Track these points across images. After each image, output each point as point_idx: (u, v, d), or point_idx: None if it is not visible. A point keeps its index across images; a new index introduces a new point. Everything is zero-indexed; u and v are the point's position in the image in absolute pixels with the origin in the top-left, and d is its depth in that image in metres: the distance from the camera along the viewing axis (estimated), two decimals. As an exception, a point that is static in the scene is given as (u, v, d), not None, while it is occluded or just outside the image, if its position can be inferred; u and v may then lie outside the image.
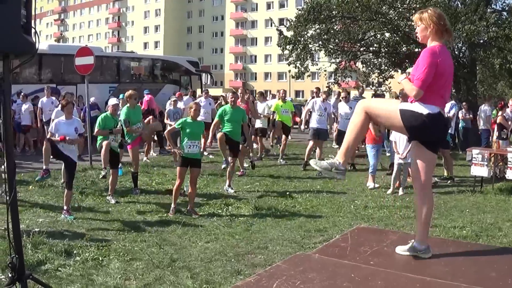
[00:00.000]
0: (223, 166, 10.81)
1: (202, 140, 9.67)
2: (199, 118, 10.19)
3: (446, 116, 4.48)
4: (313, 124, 14.00)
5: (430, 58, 4.22)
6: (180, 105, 17.16)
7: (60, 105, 10.23)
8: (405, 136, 5.03)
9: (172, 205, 9.04)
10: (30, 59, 4.31)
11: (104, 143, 9.66)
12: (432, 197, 4.50)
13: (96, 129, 10.07)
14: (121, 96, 14.64)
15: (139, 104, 13.22)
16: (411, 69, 4.59)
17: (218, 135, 10.88)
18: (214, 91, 31.17)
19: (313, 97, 17.46)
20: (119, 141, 10.16)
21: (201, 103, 17.67)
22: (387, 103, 4.72)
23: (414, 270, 4.25)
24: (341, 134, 13.92)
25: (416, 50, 19.01)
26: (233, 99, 11.20)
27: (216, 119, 11.26)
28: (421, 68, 4.23)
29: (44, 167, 8.60)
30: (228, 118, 10.90)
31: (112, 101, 10.61)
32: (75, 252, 6.66)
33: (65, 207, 8.61)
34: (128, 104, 10.80)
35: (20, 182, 10.85)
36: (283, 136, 15.73)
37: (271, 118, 17.84)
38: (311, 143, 14.06)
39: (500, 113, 13.82)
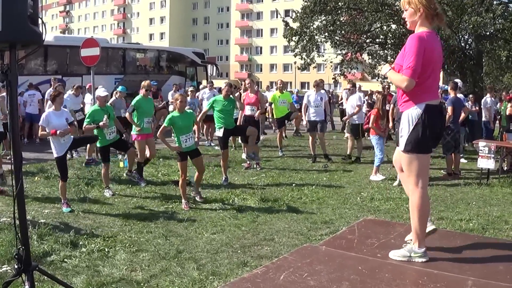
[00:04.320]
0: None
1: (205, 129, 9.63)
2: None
3: (437, 104, 4.30)
4: (310, 117, 14.02)
5: (418, 45, 4.04)
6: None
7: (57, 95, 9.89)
8: None
9: (183, 200, 8.92)
10: (36, 50, 4.30)
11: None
12: (422, 197, 4.27)
13: (84, 125, 9.81)
14: (119, 88, 14.54)
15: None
16: (396, 59, 4.42)
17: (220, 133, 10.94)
18: (220, 83, 31.15)
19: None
20: (114, 131, 9.94)
21: (205, 95, 17.70)
22: (404, 167, 4.46)
23: (421, 262, 4.23)
24: (353, 126, 14.16)
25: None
26: (226, 89, 11.09)
27: (206, 108, 11.34)
28: (409, 56, 4.04)
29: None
30: (220, 109, 10.84)
31: (100, 91, 10.36)
32: (81, 243, 6.68)
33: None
34: (141, 94, 10.81)
35: (26, 173, 10.86)
36: (279, 129, 15.59)
37: (267, 109, 17.85)
38: (310, 137, 14.10)
39: (509, 105, 13.70)
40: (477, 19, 17.29)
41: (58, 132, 8.41)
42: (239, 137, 12.93)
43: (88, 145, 9.08)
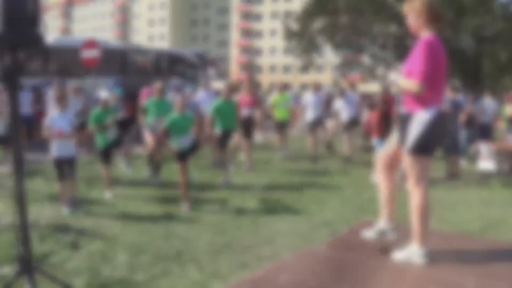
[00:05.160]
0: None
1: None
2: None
3: (443, 110, 4.32)
4: (309, 117, 14.24)
5: (429, 50, 4.04)
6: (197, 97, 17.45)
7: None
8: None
9: (186, 203, 8.91)
10: (37, 52, 4.31)
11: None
12: (423, 197, 4.37)
13: (88, 127, 9.85)
14: (117, 91, 14.55)
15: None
16: (405, 64, 4.42)
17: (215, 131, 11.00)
18: (220, 84, 31.17)
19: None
20: (116, 135, 9.93)
21: (202, 98, 17.67)
22: (406, 168, 4.54)
23: (422, 264, 4.24)
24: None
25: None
26: (226, 91, 11.09)
27: (212, 114, 10.97)
28: (420, 61, 4.03)
29: None
30: (223, 112, 10.86)
31: (102, 93, 10.31)
32: (81, 244, 6.69)
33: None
34: (155, 96, 10.97)
35: (27, 175, 10.83)
36: (279, 134, 15.50)
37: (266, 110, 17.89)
38: (310, 138, 14.17)
39: (510, 106, 13.71)
40: (477, 21, 17.33)
41: (64, 133, 8.46)
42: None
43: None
